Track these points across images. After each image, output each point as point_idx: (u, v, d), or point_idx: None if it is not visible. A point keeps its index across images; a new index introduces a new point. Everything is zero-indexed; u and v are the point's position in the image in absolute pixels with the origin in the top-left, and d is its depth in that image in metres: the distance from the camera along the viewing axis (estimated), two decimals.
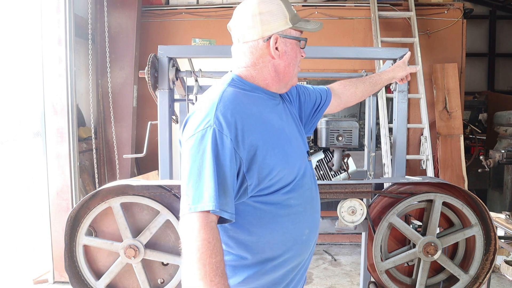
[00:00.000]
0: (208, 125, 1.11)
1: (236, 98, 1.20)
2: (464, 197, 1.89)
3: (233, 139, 1.11)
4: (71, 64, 3.73)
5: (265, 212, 1.21)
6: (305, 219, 1.30)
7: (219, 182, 1.07)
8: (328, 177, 2.05)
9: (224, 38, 5.07)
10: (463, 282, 1.85)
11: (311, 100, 1.61)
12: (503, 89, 7.78)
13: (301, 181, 1.28)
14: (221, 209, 1.06)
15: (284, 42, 1.28)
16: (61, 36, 3.67)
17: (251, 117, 1.19)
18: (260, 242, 1.22)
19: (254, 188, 1.17)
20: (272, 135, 1.22)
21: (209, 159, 1.08)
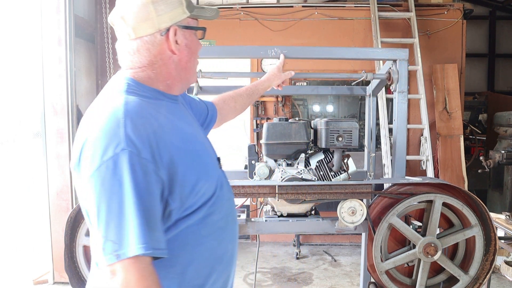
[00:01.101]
0: (119, 148, 0.89)
1: (143, 109, 1.00)
2: (464, 198, 1.89)
3: (152, 161, 0.93)
4: (71, 64, 3.73)
5: (189, 235, 1.04)
6: (228, 233, 1.17)
7: (147, 217, 0.89)
8: (328, 177, 2.05)
9: (224, 38, 5.07)
10: (463, 283, 1.85)
11: (201, 111, 1.45)
12: (503, 89, 7.78)
13: (221, 192, 1.13)
14: (154, 248, 0.89)
15: (184, 33, 1.10)
16: (61, 37, 3.67)
17: (163, 130, 1.00)
18: (187, 271, 1.05)
19: (178, 210, 1.00)
20: (188, 145, 1.06)
21: (129, 191, 0.88)
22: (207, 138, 1.26)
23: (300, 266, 4.49)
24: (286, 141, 2.05)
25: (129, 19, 1.05)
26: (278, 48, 1.96)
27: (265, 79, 1.83)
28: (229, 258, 1.18)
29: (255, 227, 1.96)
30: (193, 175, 1.03)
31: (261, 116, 5.14)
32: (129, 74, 1.08)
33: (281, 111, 5.14)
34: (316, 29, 5.09)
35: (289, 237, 5.21)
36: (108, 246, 0.87)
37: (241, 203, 2.09)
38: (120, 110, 0.95)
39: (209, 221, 1.08)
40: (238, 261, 4.62)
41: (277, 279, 4.15)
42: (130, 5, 1.04)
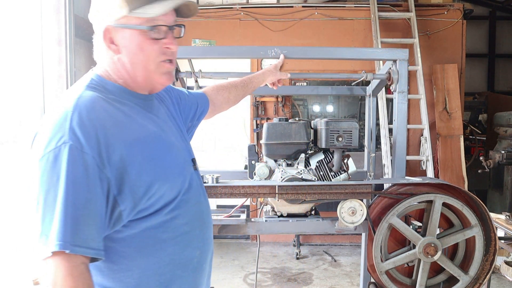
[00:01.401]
0: (62, 141, 0.88)
1: (95, 103, 0.97)
2: (464, 198, 1.89)
3: (96, 157, 0.89)
4: (71, 65, 3.73)
5: (146, 239, 1.01)
6: (195, 239, 1.11)
7: (77, 214, 0.87)
8: (328, 178, 2.04)
9: (224, 38, 5.07)
10: (463, 283, 1.85)
11: (191, 105, 1.41)
12: (503, 89, 7.79)
13: (186, 195, 1.09)
14: (76, 245, 0.86)
15: (121, 33, 1.02)
16: (61, 37, 3.67)
17: (117, 126, 0.97)
18: (144, 276, 1.02)
19: (130, 212, 0.96)
20: (146, 145, 1.01)
21: (64, 185, 0.86)
22: (181, 139, 1.21)
23: (300, 266, 4.49)
24: (286, 141, 2.05)
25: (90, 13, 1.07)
26: (278, 48, 1.96)
27: (260, 74, 1.84)
28: (197, 266, 1.13)
29: (255, 227, 1.96)
30: (148, 176, 0.98)
31: (261, 116, 5.14)
32: (97, 70, 1.08)
33: (281, 111, 5.14)
34: (316, 29, 5.09)
35: (289, 237, 5.21)
36: (43, 240, 0.86)
37: (241, 203, 2.09)
38: (71, 103, 0.94)
39: (171, 225, 1.04)
40: (238, 261, 4.65)
41: (277, 279, 4.15)
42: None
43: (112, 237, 0.98)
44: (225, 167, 5.17)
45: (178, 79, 2.07)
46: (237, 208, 2.05)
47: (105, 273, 1.00)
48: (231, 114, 5.15)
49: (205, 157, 5.30)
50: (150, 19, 1.01)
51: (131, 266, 1.00)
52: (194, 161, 1.22)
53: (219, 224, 1.91)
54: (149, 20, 1.02)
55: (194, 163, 1.21)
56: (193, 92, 1.51)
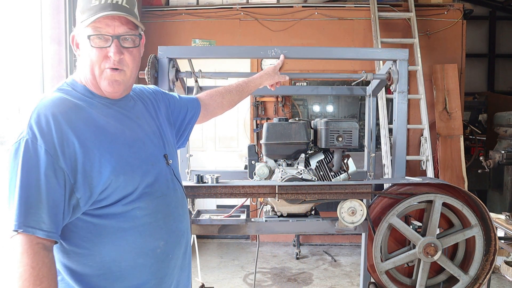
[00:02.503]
0: (21, 136, 1.02)
1: (56, 103, 1.09)
2: (464, 198, 1.89)
3: (49, 149, 1.01)
4: (71, 65, 3.73)
5: (105, 227, 1.10)
6: (157, 230, 1.18)
7: (31, 198, 0.98)
8: (328, 178, 2.04)
9: (224, 39, 5.07)
10: (463, 283, 1.85)
11: (180, 108, 1.50)
12: (503, 89, 7.78)
13: (149, 189, 1.17)
14: (31, 227, 0.97)
15: (79, 39, 1.17)
16: (61, 37, 3.67)
17: (76, 123, 1.07)
18: (106, 262, 1.11)
19: (87, 201, 1.06)
20: (104, 140, 1.11)
21: (19, 173, 0.99)
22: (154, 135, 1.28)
23: (300, 266, 4.49)
24: (286, 141, 2.05)
25: None
26: (278, 48, 1.96)
27: (258, 77, 1.85)
28: (161, 256, 1.19)
29: (255, 227, 1.96)
30: (103, 168, 1.07)
31: (261, 116, 5.14)
32: (74, 75, 1.21)
33: (281, 111, 5.14)
34: (316, 29, 5.09)
35: (289, 237, 5.21)
36: (8, 219, 0.98)
37: (241, 203, 2.09)
38: (36, 104, 1.07)
39: (131, 215, 1.13)
40: (238, 261, 4.65)
41: (277, 279, 4.15)
42: None
43: (76, 223, 1.08)
44: (225, 167, 5.17)
45: (178, 79, 2.07)
46: (237, 208, 2.05)
47: (70, 256, 1.10)
48: (231, 114, 5.15)
49: (205, 157, 5.30)
50: (94, 29, 1.13)
51: (93, 251, 1.10)
52: (166, 157, 1.29)
53: (219, 224, 1.91)
54: (93, 30, 1.13)
55: (167, 159, 1.29)
56: (185, 97, 1.59)
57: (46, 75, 3.70)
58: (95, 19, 1.11)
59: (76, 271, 1.10)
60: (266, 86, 1.95)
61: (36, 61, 3.75)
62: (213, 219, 1.97)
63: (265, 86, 1.95)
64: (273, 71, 1.88)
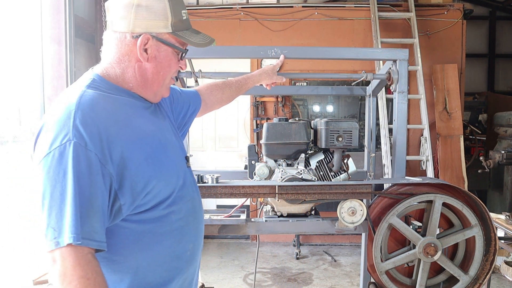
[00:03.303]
0: (66, 139, 0.92)
1: (97, 102, 1.02)
2: (464, 198, 1.89)
3: (98, 153, 0.94)
4: (71, 65, 3.73)
5: (144, 233, 1.07)
6: (189, 233, 1.18)
7: (84, 207, 0.91)
8: (328, 177, 2.04)
9: (224, 39, 5.07)
10: (463, 283, 1.85)
11: (183, 103, 1.48)
12: (503, 89, 7.78)
13: (181, 192, 1.15)
14: (87, 238, 0.91)
15: (157, 46, 1.11)
16: (61, 37, 3.67)
17: (117, 125, 1.02)
18: (141, 267, 1.07)
19: (129, 206, 1.02)
20: (144, 143, 1.07)
21: (71, 181, 0.90)
22: (175, 137, 1.27)
23: (300, 266, 4.49)
24: (286, 141, 2.05)
25: (112, 10, 1.10)
26: (278, 48, 1.96)
27: (257, 75, 1.85)
28: (189, 258, 1.19)
29: (255, 227, 1.96)
30: (146, 173, 1.03)
31: (261, 116, 5.14)
32: (98, 70, 1.12)
33: (281, 111, 5.14)
34: (316, 29, 5.09)
35: (289, 237, 5.21)
36: (49, 233, 0.90)
37: (241, 203, 2.09)
38: (74, 102, 0.98)
39: (167, 220, 1.10)
40: (238, 261, 4.65)
41: (277, 279, 4.15)
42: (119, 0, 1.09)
43: (113, 230, 1.02)
44: (225, 167, 5.17)
45: (178, 79, 2.07)
46: (237, 208, 2.05)
47: (104, 263, 1.03)
48: (231, 114, 5.15)
49: (205, 157, 5.30)
50: (183, 43, 1.14)
51: (129, 258, 1.06)
52: (188, 159, 1.28)
53: (219, 224, 1.91)
54: (182, 44, 1.14)
55: (188, 160, 1.27)
56: (186, 90, 1.56)
57: (46, 75, 3.70)
58: (206, 45, 1.16)
59: (110, 279, 1.04)
60: (263, 85, 1.96)
61: (36, 61, 3.75)
62: (213, 219, 1.97)
63: (262, 85, 1.96)
64: (272, 71, 1.89)
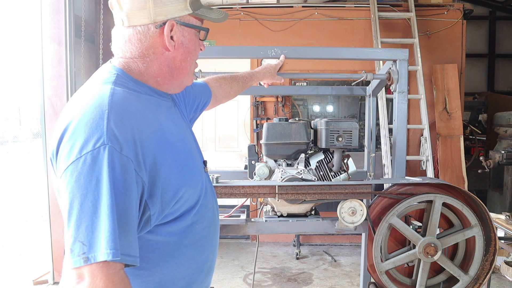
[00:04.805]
0: (100, 143, 0.81)
1: (129, 103, 0.92)
2: (464, 198, 1.89)
3: (133, 160, 0.85)
4: (71, 65, 3.73)
5: (169, 244, 0.99)
6: (210, 243, 1.12)
7: (121, 220, 0.81)
8: (328, 178, 2.04)
9: (224, 38, 5.07)
10: (463, 283, 1.85)
11: (195, 97, 1.39)
12: (503, 89, 7.78)
13: (205, 199, 1.08)
14: (125, 254, 0.81)
15: (182, 30, 1.02)
16: (61, 37, 3.67)
17: (149, 127, 0.93)
18: (164, 281, 1.00)
19: (158, 216, 0.93)
20: (173, 148, 0.98)
21: (107, 190, 0.80)
22: (194, 140, 1.19)
23: (300, 266, 4.49)
24: (286, 141, 2.05)
25: (125, 5, 0.97)
26: (278, 48, 1.96)
27: (261, 73, 1.85)
28: (209, 268, 1.14)
29: (255, 227, 1.96)
30: (177, 179, 0.95)
31: (261, 116, 5.14)
32: (119, 64, 1.01)
33: (281, 111, 5.14)
34: (316, 29, 5.09)
35: (289, 237, 5.21)
36: (77, 247, 0.80)
37: (241, 203, 2.09)
38: (105, 101, 0.87)
39: (192, 230, 1.03)
40: (238, 261, 4.65)
41: (277, 279, 4.15)
42: None
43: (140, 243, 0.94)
44: (225, 167, 5.17)
45: None
46: (237, 208, 2.05)
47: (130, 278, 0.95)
48: (231, 114, 5.15)
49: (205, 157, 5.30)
50: (202, 22, 1.06)
51: (153, 271, 0.99)
52: (205, 163, 1.20)
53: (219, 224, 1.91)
54: (202, 23, 1.06)
55: (205, 165, 1.19)
56: (196, 83, 1.47)
57: (46, 75, 3.70)
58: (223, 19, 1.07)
59: None
60: (261, 83, 1.99)
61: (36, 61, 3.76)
62: None
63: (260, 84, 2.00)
64: (274, 70, 1.90)
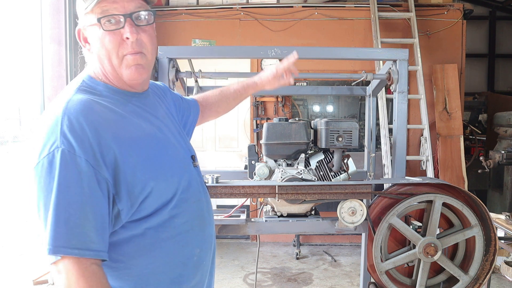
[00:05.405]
0: (54, 147, 0.89)
1: (85, 106, 0.96)
2: (464, 198, 1.89)
3: (90, 160, 0.90)
4: (71, 65, 3.73)
5: (145, 238, 1.02)
6: (194, 237, 1.12)
7: (76, 217, 0.88)
8: (328, 178, 2.04)
9: (224, 38, 5.07)
10: (463, 283, 1.85)
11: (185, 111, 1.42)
12: (503, 89, 7.78)
13: (185, 194, 1.09)
14: (82, 249, 0.88)
15: (88, 31, 1.05)
16: (61, 37, 3.67)
17: (109, 127, 0.97)
18: (143, 275, 1.03)
19: (128, 211, 0.97)
20: (141, 144, 1.02)
21: (56, 191, 0.87)
22: (180, 136, 1.20)
23: (300, 266, 4.49)
24: (286, 141, 2.05)
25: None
26: (278, 48, 1.96)
27: (258, 83, 1.65)
28: (197, 263, 1.13)
29: (255, 227, 1.96)
30: (144, 175, 0.99)
31: (261, 116, 5.14)
32: (88, 71, 1.09)
33: (281, 111, 5.14)
34: (316, 29, 5.09)
35: (289, 237, 5.21)
36: (49, 244, 0.87)
37: (241, 203, 2.09)
38: (61, 108, 0.94)
39: (170, 224, 1.05)
40: (238, 261, 4.64)
41: (277, 279, 4.15)
42: None
43: (112, 237, 0.99)
44: (225, 167, 5.17)
45: (178, 79, 2.07)
46: (237, 208, 2.05)
47: (105, 271, 0.99)
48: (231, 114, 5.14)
49: (205, 157, 5.30)
50: (101, 11, 1.00)
51: (130, 265, 1.02)
52: (194, 158, 1.21)
53: (219, 224, 1.91)
54: (100, 13, 1.00)
55: (194, 159, 1.20)
56: (187, 98, 1.50)
57: (46, 75, 3.70)
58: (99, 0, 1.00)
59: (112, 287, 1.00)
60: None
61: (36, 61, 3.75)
62: (213, 219, 1.97)
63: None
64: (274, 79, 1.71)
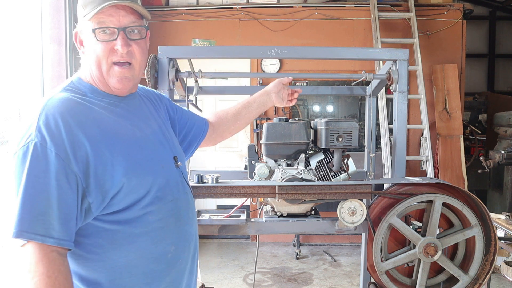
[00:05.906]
0: (29, 139, 0.96)
1: (64, 104, 1.04)
2: (464, 198, 1.89)
3: (60, 153, 0.97)
4: (71, 65, 3.73)
5: (117, 233, 1.06)
6: (169, 235, 1.16)
7: (41, 205, 0.94)
8: (328, 178, 2.04)
9: (224, 38, 5.08)
10: (463, 283, 1.85)
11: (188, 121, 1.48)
12: (503, 89, 7.79)
13: (161, 192, 1.13)
14: (43, 235, 0.93)
15: (83, 36, 1.14)
16: (61, 37, 3.67)
17: (86, 124, 1.03)
18: (117, 267, 1.07)
19: (99, 205, 1.03)
20: (116, 142, 1.07)
21: (25, 179, 0.94)
22: (164, 137, 1.25)
23: (300, 266, 4.49)
24: (286, 141, 2.05)
25: None
26: (278, 48, 1.96)
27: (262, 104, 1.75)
28: (171, 261, 1.16)
29: (255, 227, 1.96)
30: (115, 172, 1.03)
31: (261, 116, 5.14)
32: (80, 73, 1.17)
33: (281, 111, 5.14)
34: (316, 29, 5.09)
35: (289, 237, 5.21)
36: (14, 228, 0.93)
37: (241, 203, 2.09)
38: (42, 105, 1.03)
39: (143, 220, 1.09)
40: (238, 261, 4.65)
41: (277, 279, 4.15)
42: None
43: (86, 228, 1.04)
44: (225, 167, 5.17)
45: (178, 79, 2.07)
46: (237, 208, 2.05)
47: (80, 262, 1.06)
48: None
49: (205, 157, 5.30)
50: (97, 22, 1.09)
51: (103, 257, 1.06)
52: (177, 159, 1.26)
53: (219, 224, 1.91)
54: (97, 23, 1.09)
55: (177, 160, 1.25)
56: (194, 113, 1.57)
57: (46, 75, 3.70)
58: (98, 11, 1.06)
59: (86, 278, 1.06)
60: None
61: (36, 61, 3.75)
62: (213, 219, 1.97)
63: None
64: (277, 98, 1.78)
